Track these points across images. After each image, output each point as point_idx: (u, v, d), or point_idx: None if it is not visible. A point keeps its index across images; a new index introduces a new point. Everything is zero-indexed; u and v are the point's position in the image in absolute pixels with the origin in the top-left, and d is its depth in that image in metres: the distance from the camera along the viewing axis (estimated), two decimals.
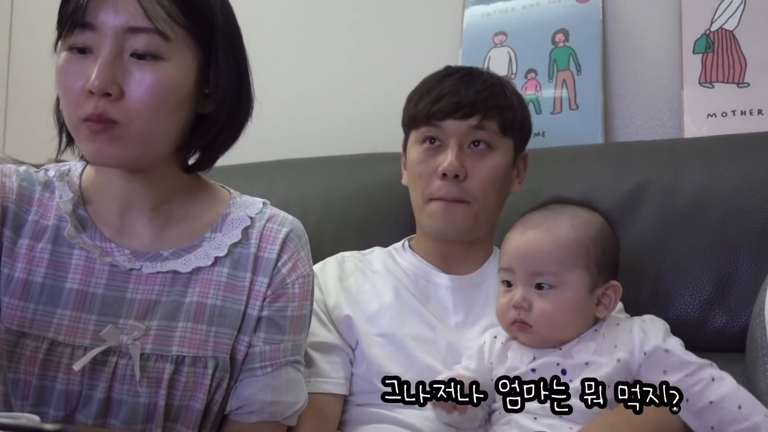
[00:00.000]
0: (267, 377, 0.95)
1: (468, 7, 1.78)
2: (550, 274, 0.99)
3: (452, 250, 1.20)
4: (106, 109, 0.82)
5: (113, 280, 0.91)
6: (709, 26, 1.54)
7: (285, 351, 0.96)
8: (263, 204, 1.03)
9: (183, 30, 0.86)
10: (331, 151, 1.73)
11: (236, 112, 0.95)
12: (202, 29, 0.88)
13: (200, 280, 0.94)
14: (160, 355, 0.89)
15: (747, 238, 1.23)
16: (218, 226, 0.98)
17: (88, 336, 0.88)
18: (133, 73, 0.83)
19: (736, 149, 1.32)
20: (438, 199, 1.14)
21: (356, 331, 1.13)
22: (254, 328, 0.95)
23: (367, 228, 1.49)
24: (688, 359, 0.94)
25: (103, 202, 0.95)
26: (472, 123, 1.13)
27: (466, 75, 1.18)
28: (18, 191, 0.93)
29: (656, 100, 1.60)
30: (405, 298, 1.17)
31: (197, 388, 0.91)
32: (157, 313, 0.91)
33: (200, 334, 0.92)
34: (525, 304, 1.00)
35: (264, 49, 2.05)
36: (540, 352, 1.01)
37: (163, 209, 0.96)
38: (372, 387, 1.10)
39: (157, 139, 0.87)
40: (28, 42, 2.40)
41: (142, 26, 0.83)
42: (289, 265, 0.98)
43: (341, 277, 1.20)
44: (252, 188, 1.19)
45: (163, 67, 0.84)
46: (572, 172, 1.39)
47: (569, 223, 1.02)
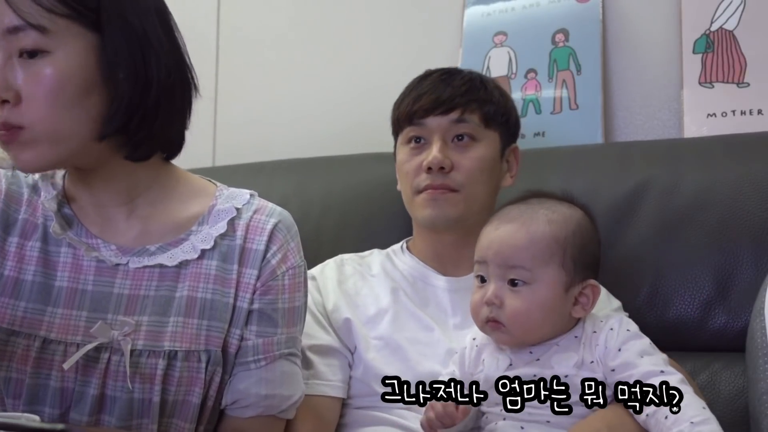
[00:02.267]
0: (261, 370, 0.95)
1: (468, 7, 1.78)
2: (523, 269, 0.95)
3: (447, 248, 1.20)
4: (9, 116, 0.82)
5: (100, 275, 0.92)
6: (709, 26, 1.54)
7: (279, 344, 0.96)
8: (250, 195, 1.02)
9: (63, 19, 0.83)
10: (331, 151, 1.73)
11: (155, 89, 0.88)
12: (86, 11, 0.84)
13: (189, 274, 0.94)
14: (152, 350, 0.89)
15: (747, 238, 1.23)
16: (205, 218, 0.97)
17: (79, 333, 0.88)
18: (24, 74, 0.82)
19: (736, 149, 1.32)
20: (425, 190, 1.15)
21: (355, 335, 1.13)
22: (246, 321, 0.95)
23: (367, 228, 1.49)
24: (629, 373, 0.92)
25: (82, 202, 0.96)
26: (453, 117, 1.15)
27: (445, 74, 1.20)
28: (6, 192, 0.94)
29: (656, 100, 1.60)
30: (403, 302, 1.17)
31: (192, 383, 0.91)
32: (146, 308, 0.91)
33: (192, 328, 0.91)
34: (497, 301, 0.95)
35: (264, 49, 2.05)
36: (517, 358, 0.97)
37: (139, 203, 0.95)
38: (370, 390, 1.10)
39: (68, 133, 0.85)
40: None
41: (16, 24, 0.81)
42: (278, 257, 0.98)
43: (340, 280, 1.20)
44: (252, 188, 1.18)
45: (51, 60, 0.82)
46: (572, 172, 1.39)
47: (546, 218, 0.98)
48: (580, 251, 0.98)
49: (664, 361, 0.95)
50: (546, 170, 1.41)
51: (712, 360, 1.23)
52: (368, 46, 1.91)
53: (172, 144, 0.97)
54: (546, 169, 1.41)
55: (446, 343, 1.12)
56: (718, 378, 1.20)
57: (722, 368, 1.21)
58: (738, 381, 1.18)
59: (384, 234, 1.42)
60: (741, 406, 1.16)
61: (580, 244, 0.98)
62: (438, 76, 1.20)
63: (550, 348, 0.97)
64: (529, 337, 0.97)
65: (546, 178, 1.39)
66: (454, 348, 1.11)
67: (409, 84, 1.23)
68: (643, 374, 0.91)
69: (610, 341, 0.95)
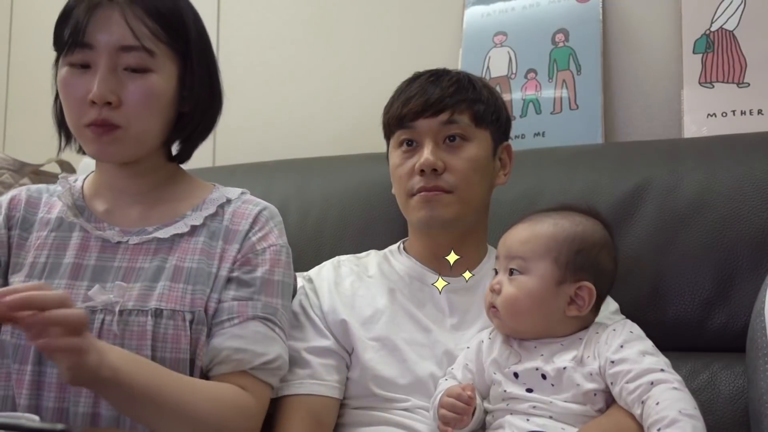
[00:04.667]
0: (234, 328, 1.02)
1: (468, 7, 1.78)
2: (521, 259, 1.03)
3: (443, 248, 1.20)
4: (109, 116, 0.99)
5: (103, 252, 1.05)
6: (709, 26, 1.54)
7: (254, 307, 1.04)
8: (242, 192, 1.15)
9: (165, 45, 1.02)
10: (331, 151, 1.74)
11: (209, 109, 1.11)
12: (180, 43, 1.04)
13: (180, 248, 1.05)
14: (140, 309, 0.99)
15: (747, 238, 1.23)
16: (199, 206, 1.10)
17: (79, 299, 0.99)
18: (128, 85, 1.00)
19: (736, 149, 1.32)
20: (418, 192, 1.15)
21: (352, 336, 1.13)
22: (224, 287, 1.04)
23: (367, 228, 1.49)
24: (629, 367, 0.95)
25: (99, 193, 1.11)
26: (443, 119, 1.15)
27: (433, 75, 1.20)
28: (27, 200, 1.11)
29: (656, 100, 1.60)
30: (400, 302, 1.17)
31: (179, 340, 0.99)
32: (140, 276, 1.02)
33: (177, 291, 1.02)
34: (497, 287, 1.04)
35: (264, 49, 2.05)
36: (525, 355, 1.02)
37: (151, 195, 1.10)
38: (367, 391, 1.10)
39: (150, 137, 1.04)
40: (28, 43, 2.40)
41: (132, 44, 0.99)
42: (259, 235, 1.09)
43: (337, 282, 1.20)
44: (252, 188, 1.19)
45: (152, 78, 1.01)
46: (572, 172, 1.39)
47: (553, 221, 1.05)
48: (578, 253, 1.02)
49: (665, 363, 0.97)
50: (546, 170, 1.41)
51: (712, 360, 1.23)
52: (368, 47, 1.91)
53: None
54: (546, 169, 1.41)
55: (443, 344, 1.12)
56: (718, 378, 1.20)
57: (722, 368, 1.21)
58: (738, 381, 1.18)
59: (384, 234, 1.42)
60: (741, 406, 1.16)
61: (578, 246, 1.02)
62: (426, 78, 1.20)
63: (555, 346, 1.01)
64: (520, 325, 1.03)
65: (546, 178, 1.39)
66: (451, 349, 1.12)
67: (398, 87, 1.23)
68: (643, 370, 0.94)
69: (611, 338, 1.00)
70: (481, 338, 1.08)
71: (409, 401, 1.09)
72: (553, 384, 0.98)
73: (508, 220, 1.11)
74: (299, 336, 1.15)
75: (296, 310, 1.18)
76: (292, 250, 1.13)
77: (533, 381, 0.99)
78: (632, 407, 0.93)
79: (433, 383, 1.09)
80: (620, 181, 1.34)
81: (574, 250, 1.02)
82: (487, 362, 1.04)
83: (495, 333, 1.07)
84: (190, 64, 1.05)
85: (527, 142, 1.63)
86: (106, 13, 0.99)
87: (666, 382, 0.92)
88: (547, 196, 1.36)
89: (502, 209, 1.33)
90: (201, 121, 1.10)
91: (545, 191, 1.37)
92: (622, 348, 0.97)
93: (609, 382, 0.96)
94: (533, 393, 0.98)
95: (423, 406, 1.08)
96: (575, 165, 1.40)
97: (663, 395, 0.91)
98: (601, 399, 0.97)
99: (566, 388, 0.97)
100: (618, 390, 0.95)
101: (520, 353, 1.02)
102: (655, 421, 0.89)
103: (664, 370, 0.94)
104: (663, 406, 0.90)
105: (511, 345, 1.04)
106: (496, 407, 1.01)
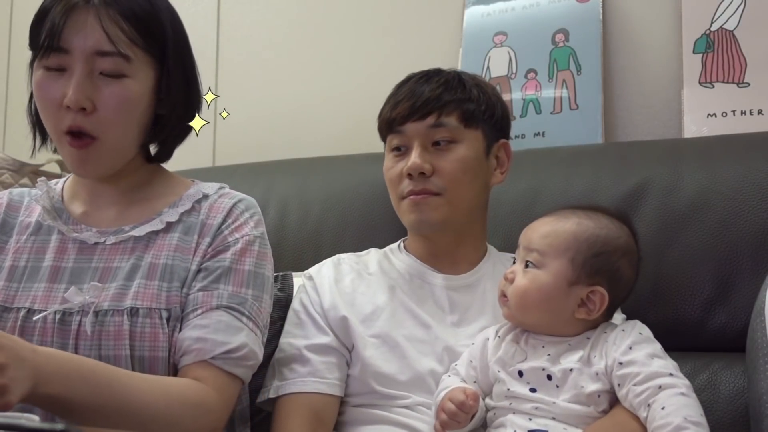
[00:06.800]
0: (197, 318, 1.01)
1: (468, 7, 1.78)
2: (538, 252, 1.03)
3: (441, 247, 1.20)
4: (83, 123, 0.98)
5: (81, 254, 1.04)
6: (709, 26, 1.54)
7: (219, 297, 1.02)
8: (220, 187, 1.15)
9: (141, 50, 1.00)
10: (331, 151, 1.73)
11: (187, 110, 1.09)
12: (156, 46, 1.03)
13: (155, 245, 1.05)
14: (116, 309, 0.98)
15: (747, 238, 1.23)
16: (176, 203, 1.09)
17: (57, 301, 1.00)
18: (103, 90, 0.98)
19: (736, 149, 1.32)
20: (408, 196, 1.16)
21: (352, 333, 1.13)
22: (192, 279, 1.03)
23: (367, 228, 1.49)
24: (637, 370, 0.95)
25: (77, 195, 1.11)
26: (430, 122, 1.15)
27: (423, 77, 1.20)
28: (8, 203, 1.11)
29: (656, 100, 1.60)
30: (400, 299, 1.17)
31: (156, 338, 0.98)
32: (117, 276, 1.02)
33: (153, 289, 1.01)
34: (511, 276, 1.05)
35: (264, 49, 2.05)
36: (532, 353, 1.02)
37: (128, 196, 1.09)
38: (367, 388, 1.11)
39: (126, 145, 1.04)
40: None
41: (108, 50, 0.98)
42: (232, 227, 1.08)
43: (337, 279, 1.20)
44: (252, 188, 1.19)
45: (127, 83, 0.99)
46: (572, 172, 1.39)
47: (578, 219, 1.04)
48: (596, 256, 1.01)
49: (674, 366, 0.97)
50: (546, 170, 1.41)
51: (712, 360, 1.23)
52: (368, 46, 1.91)
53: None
54: (546, 169, 1.41)
55: (444, 341, 1.12)
56: (718, 378, 1.20)
57: (722, 368, 1.21)
58: (738, 381, 1.18)
59: (384, 234, 1.42)
60: (741, 406, 1.16)
61: (597, 249, 1.01)
62: (416, 80, 1.20)
63: (562, 346, 1.01)
64: (526, 318, 1.03)
65: (546, 178, 1.39)
66: (451, 345, 1.12)
67: (391, 90, 1.23)
68: (651, 373, 0.94)
69: (619, 339, 0.99)
70: (487, 335, 1.08)
71: (410, 398, 1.09)
72: (558, 385, 0.98)
73: (508, 220, 1.12)
74: (300, 333, 1.15)
75: (297, 308, 1.19)
76: (293, 250, 1.14)
77: (538, 381, 0.99)
78: (638, 410, 0.93)
79: (433, 379, 1.09)
80: (620, 181, 1.34)
81: (593, 252, 1.01)
82: (492, 360, 1.04)
83: (503, 332, 1.07)
84: (167, 66, 1.04)
85: (527, 142, 1.63)
86: (82, 17, 0.97)
87: (674, 387, 0.92)
88: (547, 196, 1.36)
89: (502, 209, 1.33)
90: (178, 122, 1.09)
91: (545, 191, 1.37)
92: (631, 350, 0.97)
93: (615, 384, 0.96)
94: (537, 393, 0.98)
95: (423, 402, 1.08)
96: (575, 165, 1.40)
97: (669, 400, 0.91)
98: (605, 400, 0.97)
99: (570, 389, 0.97)
100: (624, 392, 0.95)
101: (526, 351, 1.02)
102: (659, 425, 0.89)
103: (672, 374, 0.94)
104: (668, 411, 0.89)
105: (518, 342, 1.04)
106: (499, 405, 1.01)
